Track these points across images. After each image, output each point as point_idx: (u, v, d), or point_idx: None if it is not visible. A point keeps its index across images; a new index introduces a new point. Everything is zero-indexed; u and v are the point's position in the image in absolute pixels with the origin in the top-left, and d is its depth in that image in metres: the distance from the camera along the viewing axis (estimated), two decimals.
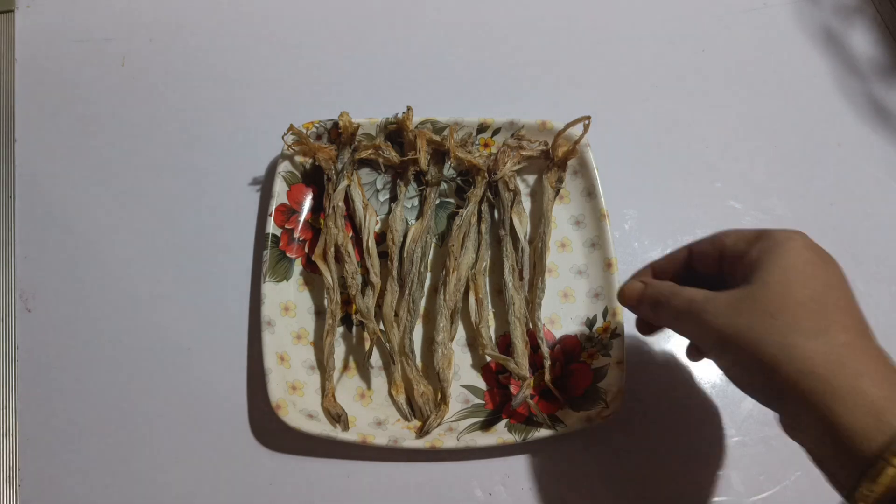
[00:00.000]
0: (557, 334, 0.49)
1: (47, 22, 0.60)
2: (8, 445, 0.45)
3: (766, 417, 0.48)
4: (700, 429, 0.47)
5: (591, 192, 0.51)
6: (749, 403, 0.48)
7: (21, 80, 0.57)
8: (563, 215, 0.52)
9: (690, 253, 0.40)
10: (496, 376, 0.48)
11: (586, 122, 0.50)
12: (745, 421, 0.48)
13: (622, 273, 0.50)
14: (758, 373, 0.32)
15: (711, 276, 0.38)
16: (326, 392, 0.45)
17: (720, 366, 0.35)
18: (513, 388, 0.47)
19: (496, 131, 0.53)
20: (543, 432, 0.44)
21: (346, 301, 0.49)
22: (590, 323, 0.49)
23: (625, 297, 0.40)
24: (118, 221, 0.52)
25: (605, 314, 0.48)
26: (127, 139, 0.55)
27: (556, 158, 0.51)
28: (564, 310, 0.49)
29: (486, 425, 0.45)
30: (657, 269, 0.41)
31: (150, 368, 0.48)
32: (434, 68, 0.59)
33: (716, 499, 0.46)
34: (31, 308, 0.49)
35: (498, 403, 0.47)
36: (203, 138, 0.56)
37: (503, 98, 0.58)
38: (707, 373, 0.49)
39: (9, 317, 0.49)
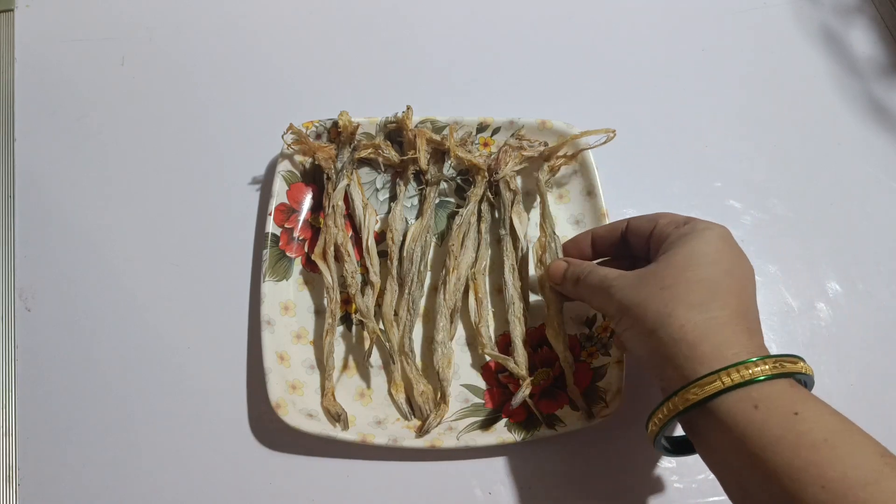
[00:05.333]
0: None
1: (47, 21, 0.60)
2: (8, 445, 0.45)
3: None
4: None
5: (591, 192, 0.51)
6: None
7: (20, 79, 0.57)
8: (562, 215, 0.52)
9: (627, 227, 0.43)
10: (496, 376, 0.48)
11: (611, 134, 0.50)
12: None
13: None
14: (641, 336, 0.36)
15: (643, 252, 0.42)
16: (326, 391, 0.45)
17: (619, 332, 0.39)
18: (512, 388, 0.47)
19: (496, 131, 0.53)
20: (543, 432, 0.44)
21: (346, 300, 0.49)
22: (589, 322, 0.49)
23: (550, 275, 0.45)
24: (118, 221, 0.52)
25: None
26: (126, 138, 0.55)
27: (552, 161, 0.51)
28: (564, 308, 0.49)
29: (486, 425, 0.45)
30: (597, 236, 0.46)
31: (149, 368, 0.48)
32: (434, 68, 0.59)
33: (715, 498, 0.46)
34: (31, 308, 0.49)
35: (498, 403, 0.47)
36: (202, 138, 0.56)
37: (503, 98, 0.58)
38: None
39: (8, 316, 0.49)
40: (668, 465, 0.46)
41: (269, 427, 0.46)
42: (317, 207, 0.51)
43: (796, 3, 0.64)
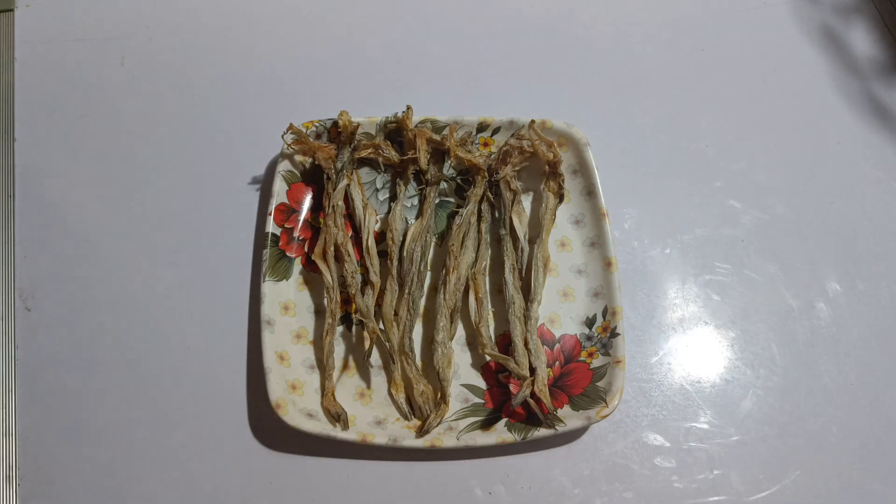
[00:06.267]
0: (557, 333, 0.49)
1: (47, 21, 0.60)
2: (8, 445, 0.45)
3: (765, 417, 0.48)
4: (699, 428, 0.47)
5: (590, 192, 0.51)
6: (749, 403, 0.48)
7: (20, 79, 0.57)
8: (562, 214, 0.52)
9: None
10: (496, 375, 0.48)
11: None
12: (745, 420, 0.48)
13: (622, 272, 0.50)
14: None
15: None
16: (326, 391, 0.45)
17: None
18: (512, 388, 0.47)
19: (496, 130, 0.53)
20: (543, 431, 0.44)
21: (346, 300, 0.49)
22: (589, 322, 0.49)
23: None
24: (118, 221, 0.52)
25: (604, 313, 0.48)
26: (126, 138, 0.55)
27: (545, 165, 0.51)
28: (564, 309, 0.49)
29: (486, 424, 0.45)
30: None
31: (149, 368, 0.48)
32: (434, 68, 0.59)
33: (715, 498, 0.46)
34: (31, 307, 0.49)
35: (498, 403, 0.47)
36: (202, 137, 0.56)
37: (502, 97, 0.58)
38: (707, 371, 0.49)
39: (8, 316, 0.49)
40: (667, 465, 0.46)
41: (268, 426, 0.46)
42: (317, 207, 0.51)
43: (796, 3, 0.64)
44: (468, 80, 0.59)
